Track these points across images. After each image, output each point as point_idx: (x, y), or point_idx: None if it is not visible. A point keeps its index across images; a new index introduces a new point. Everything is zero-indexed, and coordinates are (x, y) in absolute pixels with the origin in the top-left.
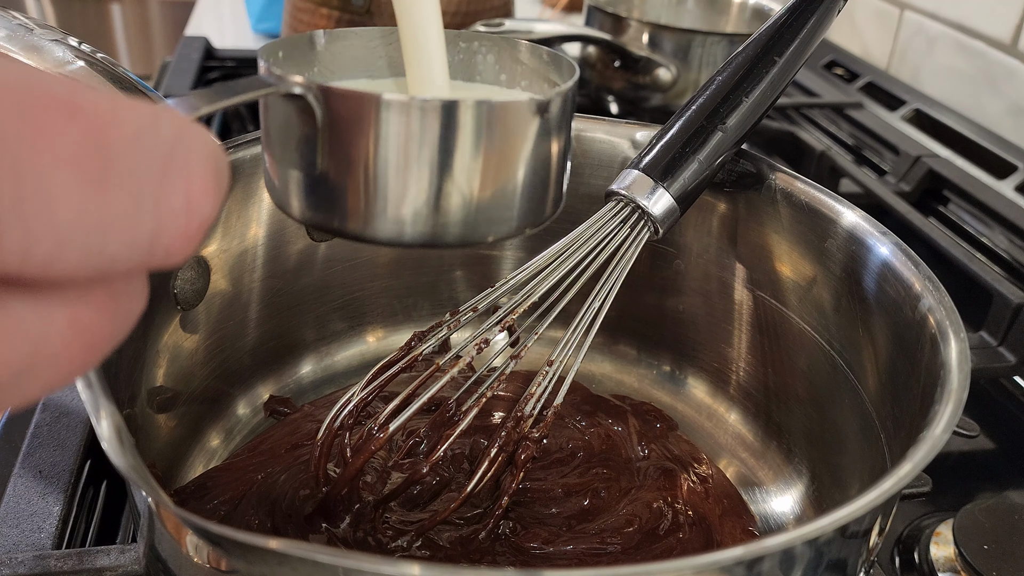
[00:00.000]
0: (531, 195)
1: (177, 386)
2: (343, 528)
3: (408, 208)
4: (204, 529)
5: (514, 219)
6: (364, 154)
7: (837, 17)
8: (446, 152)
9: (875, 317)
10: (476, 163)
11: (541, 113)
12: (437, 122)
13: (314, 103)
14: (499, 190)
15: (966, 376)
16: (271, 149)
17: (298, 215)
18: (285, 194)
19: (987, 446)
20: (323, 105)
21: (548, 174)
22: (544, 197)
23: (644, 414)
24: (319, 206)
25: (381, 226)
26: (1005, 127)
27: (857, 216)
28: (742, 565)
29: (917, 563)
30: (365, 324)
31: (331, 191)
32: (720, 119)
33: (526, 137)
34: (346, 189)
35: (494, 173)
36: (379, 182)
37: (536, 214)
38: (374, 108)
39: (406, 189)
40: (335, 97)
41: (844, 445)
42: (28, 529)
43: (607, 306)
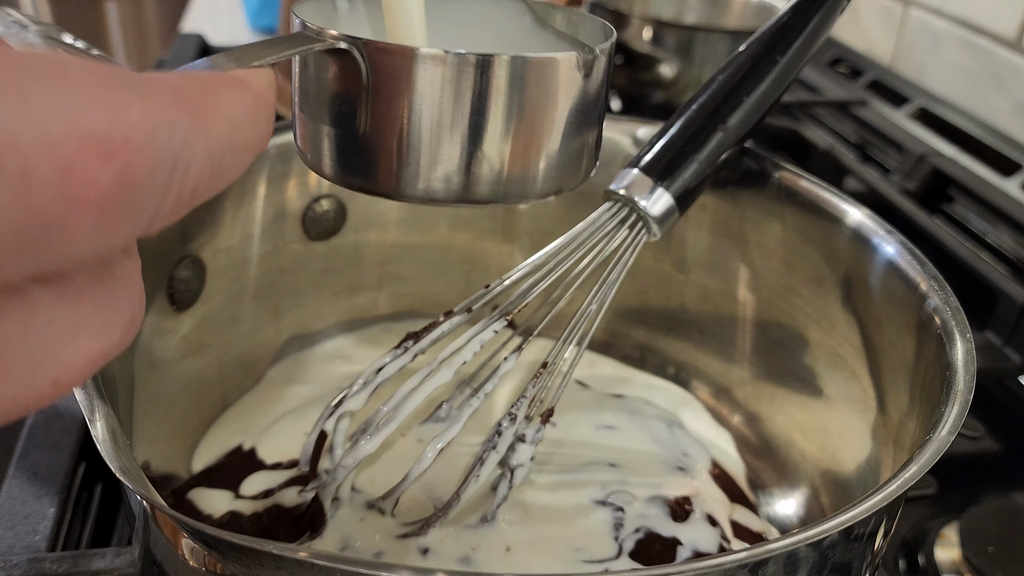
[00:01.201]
0: (570, 154)
1: (172, 385)
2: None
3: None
4: (200, 532)
5: (552, 179)
6: (413, 110)
7: (841, 15)
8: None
9: (880, 317)
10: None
11: (586, 70)
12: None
13: (360, 59)
14: (540, 148)
15: (972, 377)
16: (308, 109)
17: (336, 176)
18: (322, 155)
19: (993, 448)
20: (369, 61)
21: (588, 133)
22: (582, 157)
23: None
24: (360, 165)
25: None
26: (1011, 124)
27: (862, 214)
28: (745, 568)
29: (922, 566)
30: (362, 322)
31: (374, 148)
32: (721, 118)
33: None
34: (392, 146)
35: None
36: (428, 138)
37: (573, 175)
38: (428, 63)
39: (457, 145)
40: (383, 52)
41: (850, 446)
42: (23, 531)
43: (604, 307)
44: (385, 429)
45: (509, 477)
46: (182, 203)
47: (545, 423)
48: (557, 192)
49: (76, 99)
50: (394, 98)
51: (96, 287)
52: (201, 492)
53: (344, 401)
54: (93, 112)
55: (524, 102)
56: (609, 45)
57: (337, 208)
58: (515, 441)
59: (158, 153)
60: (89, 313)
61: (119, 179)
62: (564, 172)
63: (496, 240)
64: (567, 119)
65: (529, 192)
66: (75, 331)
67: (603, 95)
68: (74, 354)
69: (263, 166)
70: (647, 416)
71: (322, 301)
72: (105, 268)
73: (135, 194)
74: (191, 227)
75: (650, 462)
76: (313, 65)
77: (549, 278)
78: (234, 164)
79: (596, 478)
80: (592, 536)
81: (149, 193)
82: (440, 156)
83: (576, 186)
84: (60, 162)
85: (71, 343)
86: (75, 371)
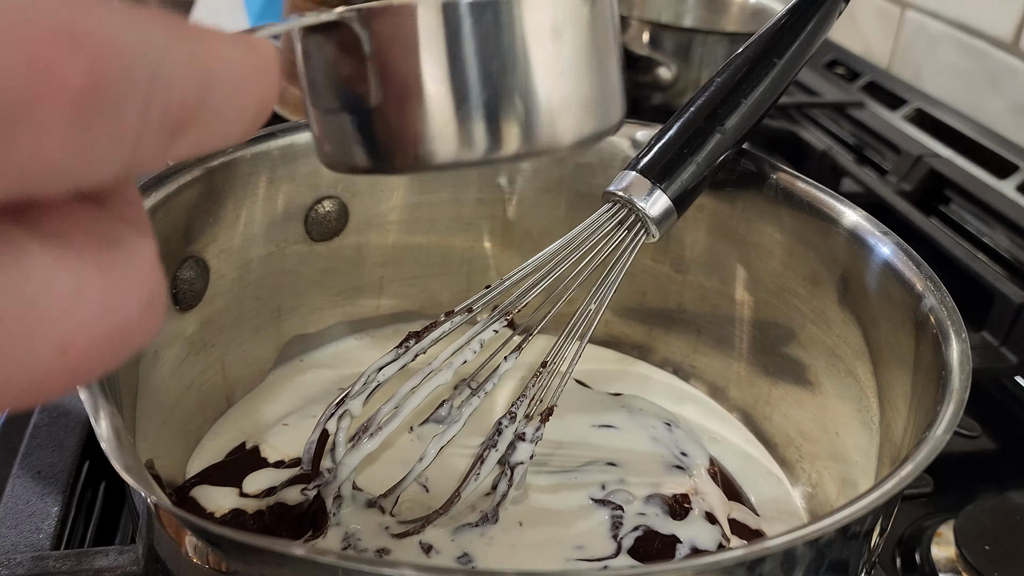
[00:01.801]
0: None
1: (175, 385)
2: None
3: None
4: (204, 530)
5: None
6: (423, 68)
7: (838, 18)
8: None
9: (876, 317)
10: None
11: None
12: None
13: (358, 28)
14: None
15: (967, 376)
16: (319, 101)
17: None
18: (346, 147)
19: (988, 447)
20: (368, 28)
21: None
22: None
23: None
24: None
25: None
26: (1007, 126)
27: (858, 216)
28: (743, 566)
29: (918, 564)
30: (364, 323)
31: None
32: (719, 121)
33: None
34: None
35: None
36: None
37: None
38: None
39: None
40: (379, 15)
41: (846, 445)
42: (27, 530)
43: (604, 307)
44: (386, 428)
45: (509, 475)
46: (169, 124)
47: (545, 422)
48: (589, 137)
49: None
50: (401, 60)
51: (103, 256)
52: (204, 490)
53: (345, 400)
54: (62, 10)
55: (536, 36)
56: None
57: (339, 209)
58: (515, 440)
59: (132, 56)
60: (96, 280)
61: (90, 73)
62: (591, 113)
63: (497, 241)
64: (585, 51)
65: (561, 138)
66: (79, 295)
67: (616, 26)
68: (83, 322)
69: (265, 167)
70: (646, 415)
71: (324, 301)
72: (113, 238)
73: (111, 96)
74: (194, 228)
75: (649, 461)
76: (315, 51)
77: (549, 278)
78: (228, 100)
79: (595, 478)
80: (591, 534)
81: (128, 99)
82: (461, 112)
83: (607, 131)
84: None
85: (76, 308)
86: (89, 342)
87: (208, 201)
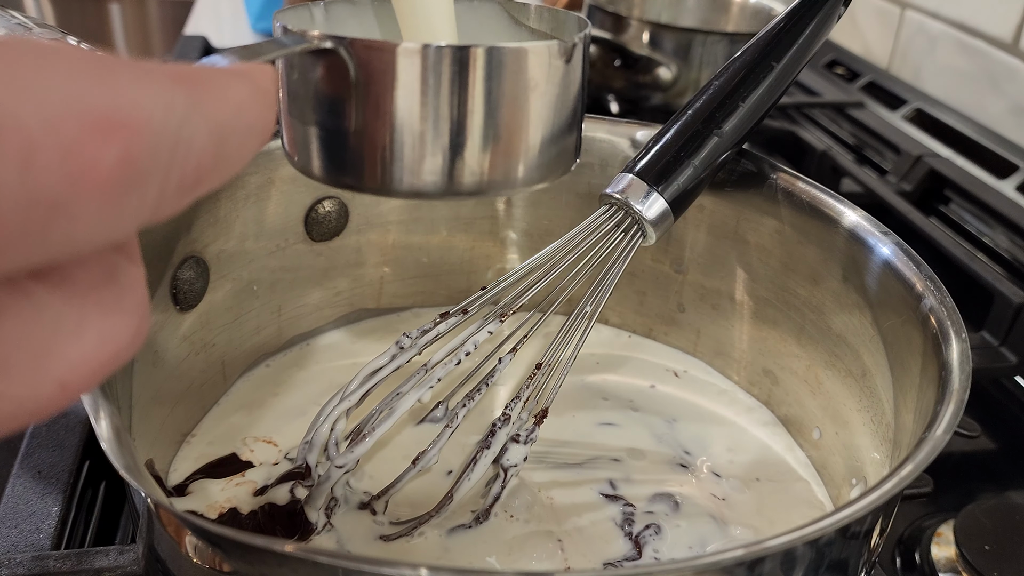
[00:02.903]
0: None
1: (176, 384)
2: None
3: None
4: (204, 530)
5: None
6: (398, 105)
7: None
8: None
9: (876, 317)
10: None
11: (563, 58)
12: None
13: (346, 57)
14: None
15: (967, 377)
16: (296, 112)
17: (326, 176)
18: (311, 157)
19: (988, 446)
20: (355, 58)
21: (568, 123)
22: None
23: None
24: (349, 163)
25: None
26: (1006, 126)
27: (858, 216)
28: (743, 566)
29: (918, 563)
30: (363, 323)
31: (363, 146)
32: (716, 124)
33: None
34: (380, 142)
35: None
36: (415, 132)
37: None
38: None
39: (443, 138)
40: (368, 49)
41: (846, 443)
42: (27, 530)
43: (600, 309)
44: (380, 429)
45: (503, 477)
46: (187, 185)
47: (539, 424)
48: (541, 183)
49: (73, 80)
50: (380, 94)
51: (103, 290)
52: (201, 486)
53: (341, 401)
54: (91, 92)
55: (504, 92)
56: (584, 35)
57: (340, 209)
58: (508, 442)
59: (158, 131)
60: (95, 315)
61: (122, 159)
62: (547, 162)
63: (496, 241)
64: (547, 108)
65: (513, 183)
66: (81, 332)
67: (581, 85)
68: (81, 356)
69: (266, 167)
70: (648, 412)
71: (324, 301)
72: (111, 273)
73: (138, 174)
74: (195, 227)
75: (652, 459)
76: (299, 68)
77: (544, 280)
78: (238, 148)
79: (599, 475)
80: (601, 532)
81: (152, 173)
82: (426, 149)
83: (559, 177)
84: (62, 142)
85: (77, 344)
86: (83, 374)
87: (208, 201)
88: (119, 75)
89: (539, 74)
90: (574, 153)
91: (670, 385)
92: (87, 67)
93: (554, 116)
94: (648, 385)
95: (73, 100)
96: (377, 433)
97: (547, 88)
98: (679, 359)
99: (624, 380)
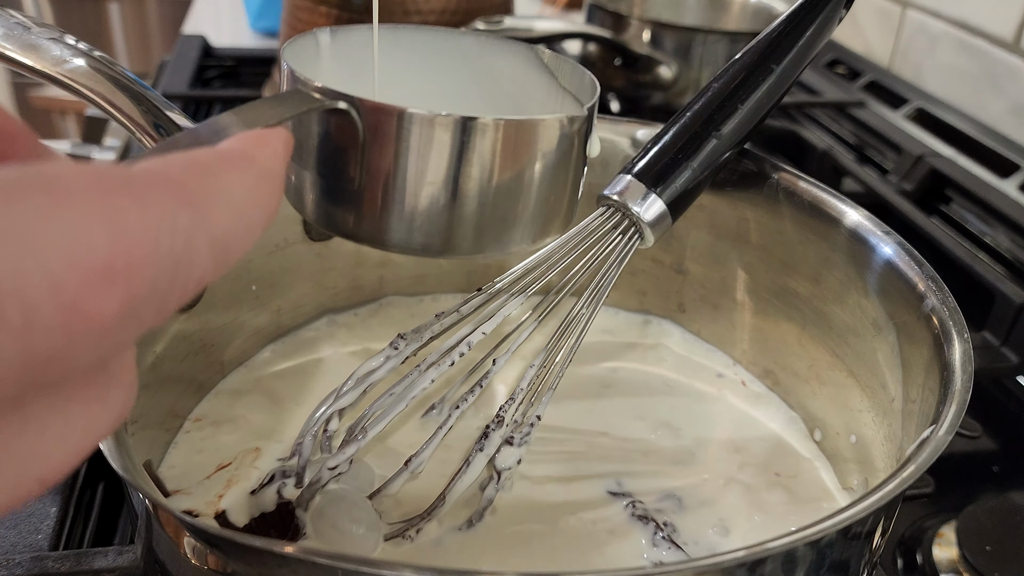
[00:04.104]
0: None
1: (174, 385)
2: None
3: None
4: (202, 531)
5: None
6: (400, 165)
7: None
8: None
9: (878, 317)
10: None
11: (570, 129)
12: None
13: (356, 116)
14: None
15: (969, 377)
16: (297, 157)
17: (320, 222)
18: (307, 202)
19: (990, 447)
20: (364, 119)
21: (568, 188)
22: (561, 211)
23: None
24: (345, 214)
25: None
26: (1008, 125)
27: (860, 215)
28: (744, 567)
29: (919, 564)
30: (362, 323)
31: (362, 201)
32: (715, 126)
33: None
34: (380, 199)
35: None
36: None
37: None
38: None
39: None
40: (377, 111)
41: (846, 444)
42: (25, 530)
43: (596, 311)
44: (373, 430)
45: (497, 479)
46: (186, 298)
47: (533, 426)
48: (534, 244)
49: (76, 224)
50: (386, 154)
51: (89, 389)
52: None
53: (334, 402)
54: (94, 236)
55: (510, 161)
56: (594, 102)
57: None
58: (502, 444)
59: (160, 263)
60: (79, 415)
61: (122, 303)
62: (543, 225)
63: None
64: (550, 174)
65: (507, 245)
66: (65, 435)
67: (583, 149)
68: (63, 456)
69: None
70: (648, 409)
71: (323, 301)
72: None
73: (138, 309)
74: None
75: (656, 455)
76: (307, 121)
77: (540, 281)
78: (238, 248)
79: (603, 471)
80: (604, 532)
81: (152, 302)
82: (426, 210)
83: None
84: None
85: (59, 446)
86: (61, 469)
87: None
88: (121, 201)
89: (547, 145)
90: (569, 215)
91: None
92: (90, 200)
93: (557, 181)
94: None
95: (77, 250)
96: (371, 433)
97: (553, 157)
98: (680, 358)
99: (625, 378)
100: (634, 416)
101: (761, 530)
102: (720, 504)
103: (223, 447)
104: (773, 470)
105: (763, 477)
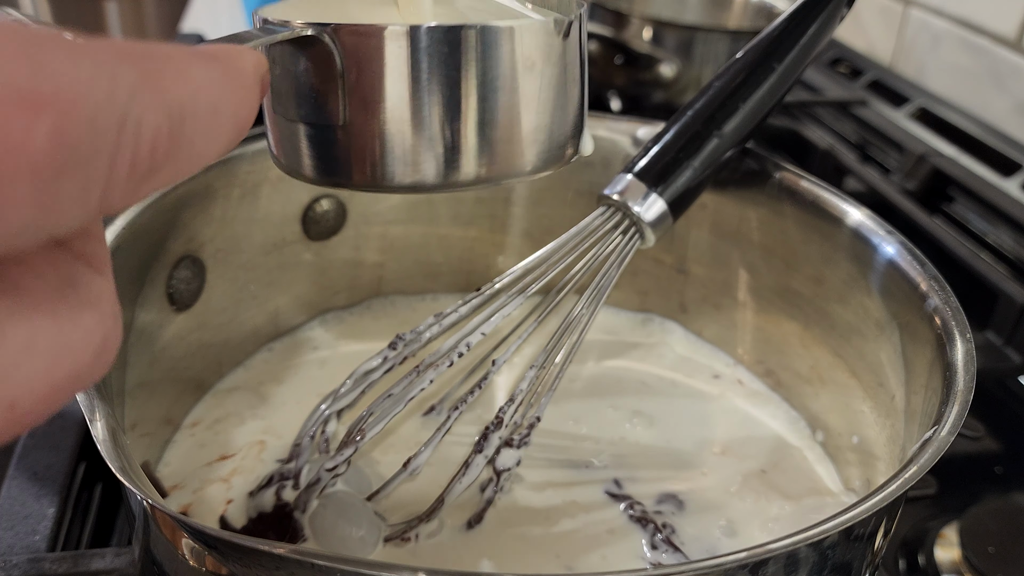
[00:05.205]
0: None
1: (172, 386)
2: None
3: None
4: (200, 532)
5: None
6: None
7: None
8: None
9: (880, 317)
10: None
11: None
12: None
13: (331, 45)
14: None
15: (972, 377)
16: (280, 110)
17: (317, 176)
18: (300, 156)
19: (992, 448)
20: (341, 45)
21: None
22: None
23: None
24: (341, 160)
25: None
26: (1011, 124)
27: (862, 215)
28: (746, 568)
29: (922, 566)
30: (361, 323)
31: (354, 139)
32: (716, 125)
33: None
34: (372, 133)
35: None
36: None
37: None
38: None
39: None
40: (354, 34)
41: (849, 444)
42: (22, 531)
43: (596, 311)
44: (372, 431)
45: (496, 481)
46: (141, 170)
47: (532, 427)
48: (543, 171)
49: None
50: (369, 82)
51: (58, 303)
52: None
53: (332, 403)
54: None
55: (499, 73)
56: (582, 11)
57: (337, 208)
58: (502, 445)
59: (98, 106)
60: (49, 331)
61: (53, 135)
62: (549, 148)
63: (496, 241)
64: (546, 89)
65: (513, 170)
66: (31, 349)
67: (581, 66)
68: (32, 374)
69: (263, 166)
70: (647, 409)
71: (321, 301)
72: (68, 283)
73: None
74: (191, 227)
75: (656, 457)
76: (282, 61)
77: (540, 281)
78: (204, 132)
79: (603, 474)
80: (606, 532)
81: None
82: (420, 139)
83: (563, 165)
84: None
85: (27, 363)
86: (35, 396)
87: (205, 199)
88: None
89: (535, 53)
90: (578, 139)
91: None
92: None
93: (554, 98)
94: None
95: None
96: (369, 435)
97: (545, 68)
98: (682, 358)
99: (624, 377)
100: (634, 416)
101: (762, 531)
102: (720, 505)
103: (222, 447)
104: (774, 470)
105: (764, 478)
